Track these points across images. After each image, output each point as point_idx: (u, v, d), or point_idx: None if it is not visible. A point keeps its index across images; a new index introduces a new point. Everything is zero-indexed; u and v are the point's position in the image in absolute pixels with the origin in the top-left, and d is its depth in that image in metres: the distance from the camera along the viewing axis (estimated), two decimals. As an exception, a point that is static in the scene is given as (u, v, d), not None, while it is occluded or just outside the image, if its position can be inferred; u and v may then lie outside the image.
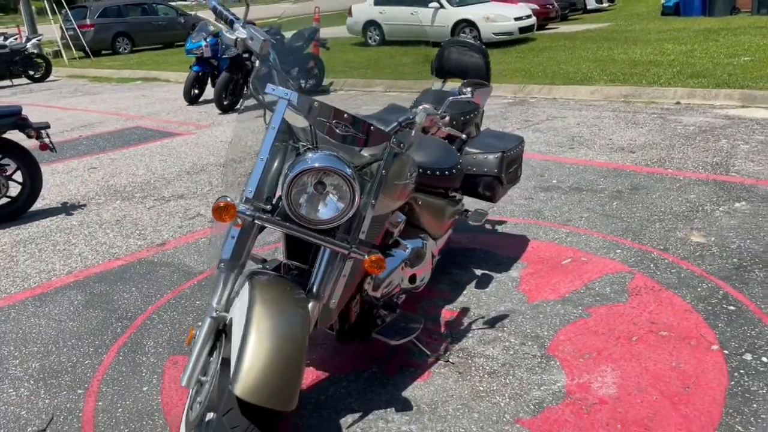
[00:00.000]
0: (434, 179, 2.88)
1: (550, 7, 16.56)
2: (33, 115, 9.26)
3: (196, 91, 9.11)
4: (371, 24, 15.62)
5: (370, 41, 15.69)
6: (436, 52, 3.75)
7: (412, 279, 2.75)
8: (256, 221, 2.00)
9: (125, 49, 18.64)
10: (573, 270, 3.39)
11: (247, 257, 2.09)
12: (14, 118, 4.47)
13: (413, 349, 2.73)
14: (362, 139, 2.10)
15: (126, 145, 7.11)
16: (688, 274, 3.26)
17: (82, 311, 3.27)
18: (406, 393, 2.49)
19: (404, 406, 2.42)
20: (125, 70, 13.70)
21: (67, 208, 4.95)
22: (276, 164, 2.13)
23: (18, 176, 4.71)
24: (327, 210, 2.03)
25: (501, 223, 4.09)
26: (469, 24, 13.84)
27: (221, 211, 1.93)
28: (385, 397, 2.48)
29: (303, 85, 9.27)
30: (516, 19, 13.81)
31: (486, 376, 2.56)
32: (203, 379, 1.99)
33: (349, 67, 12.03)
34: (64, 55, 17.05)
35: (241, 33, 2.22)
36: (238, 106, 8.64)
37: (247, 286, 2.01)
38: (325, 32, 18.91)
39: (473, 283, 3.31)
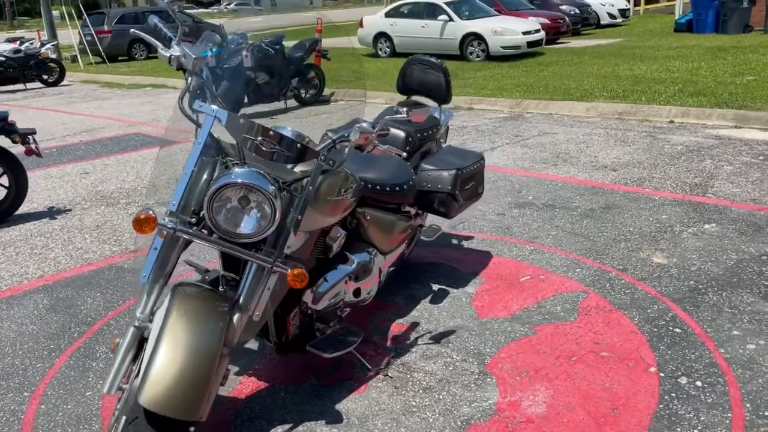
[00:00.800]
0: (384, 195, 2.92)
1: (561, 21, 16.53)
2: (40, 120, 9.48)
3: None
4: (382, 36, 15.74)
5: (380, 53, 15.81)
6: (446, 64, 3.78)
7: (357, 293, 2.80)
8: (177, 233, 2.06)
9: (141, 56, 18.95)
10: (529, 287, 3.41)
11: (172, 268, 2.15)
12: (0, 123, 4.59)
13: (355, 363, 2.77)
14: (288, 156, 2.15)
15: (122, 151, 7.24)
16: (642, 295, 3.27)
17: (45, 315, 3.36)
18: (340, 406, 2.53)
19: (335, 418, 2.46)
20: (136, 77, 13.94)
21: (51, 213, 5.07)
22: (205, 178, 2.19)
23: (4, 180, 4.83)
24: (247, 225, 2.09)
25: (468, 238, 4.12)
26: (477, 37, 13.88)
27: (141, 223, 2.00)
28: (318, 409, 2.52)
29: (303, 95, 9.43)
30: (524, 33, 13.83)
31: (421, 391, 2.59)
32: (124, 386, 2.05)
33: (354, 78, 12.15)
34: (80, 60, 17.37)
35: (174, 51, 2.29)
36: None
37: (168, 296, 2.07)
38: (335, 42, 19.13)
39: (428, 298, 3.35)
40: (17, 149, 4.87)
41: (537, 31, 14.29)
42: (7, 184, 4.84)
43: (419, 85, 3.59)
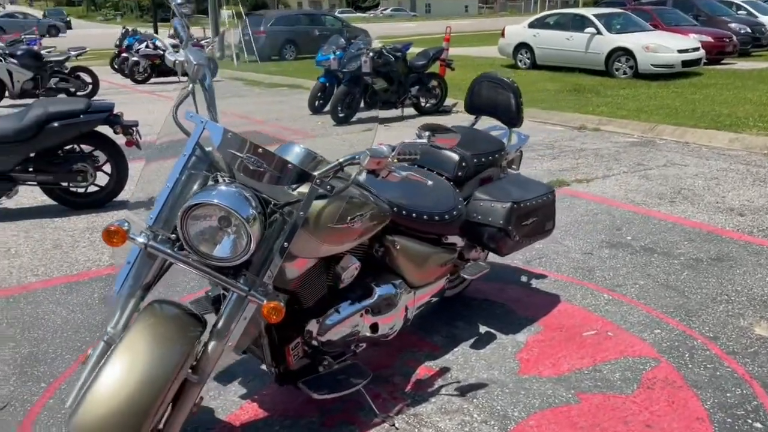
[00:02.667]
0: (419, 223, 2.65)
1: (727, 40, 14.99)
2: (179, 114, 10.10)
3: (321, 102, 9.36)
4: (523, 46, 15.19)
5: (519, 64, 15.27)
6: (586, 80, 3.45)
7: (375, 328, 2.55)
8: (148, 248, 1.94)
9: (290, 56, 19.77)
10: (590, 345, 2.97)
11: (150, 283, 2.04)
12: (106, 114, 4.85)
13: (364, 404, 2.53)
14: (278, 177, 1.96)
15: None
16: (726, 373, 2.72)
17: (95, 305, 3.44)
18: (331, 452, 2.30)
19: (320, 465, 2.24)
20: (277, 76, 14.50)
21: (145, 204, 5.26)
22: (191, 193, 2.05)
23: (107, 167, 5.10)
24: (223, 248, 1.93)
25: (540, 277, 3.70)
26: (625, 52, 12.92)
27: (111, 234, 1.90)
28: (307, 451, 2.31)
29: (423, 104, 9.24)
30: (680, 51, 12.67)
31: (423, 450, 2.30)
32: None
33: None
34: (234, 59, 18.45)
35: (179, 56, 2.18)
36: (353, 119, 8.77)
37: (136, 314, 1.96)
38: (479, 52, 18.74)
39: (470, 341, 3.02)
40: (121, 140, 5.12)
41: (696, 49, 13.05)
42: (109, 172, 5.10)
43: (487, 104, 3.26)
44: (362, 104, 8.82)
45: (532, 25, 15.13)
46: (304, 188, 2.07)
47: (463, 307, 3.33)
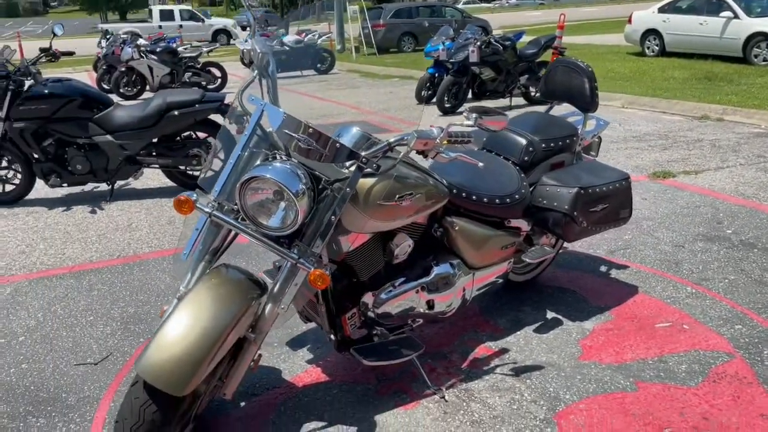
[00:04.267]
0: (479, 206, 2.71)
1: None
2: (299, 104, 10.62)
3: (429, 92, 9.48)
4: (651, 33, 14.38)
5: (647, 51, 14.49)
6: (720, 67, 3.41)
7: (431, 305, 2.66)
8: (212, 217, 2.17)
9: (409, 48, 20.01)
10: (661, 336, 2.88)
11: (219, 248, 2.28)
12: (218, 103, 5.26)
13: (418, 376, 2.64)
14: (325, 155, 2.12)
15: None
16: (806, 373, 2.55)
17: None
18: (380, 417, 2.44)
19: (367, 428, 2.38)
20: (392, 68, 14.78)
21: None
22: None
23: (221, 155, 5.52)
24: (274, 219, 2.11)
25: (622, 267, 3.61)
26: (765, 38, 11.92)
27: (181, 203, 2.14)
28: (359, 414, 2.46)
29: (533, 93, 9.14)
30: (830, 35, 11.49)
31: (468, 423, 2.38)
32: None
33: (607, 78, 11.34)
34: (353, 52, 18.98)
35: (247, 45, 2.39)
36: (461, 109, 8.82)
37: (204, 275, 2.20)
38: (603, 39, 18.00)
39: (535, 326, 3.03)
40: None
41: None
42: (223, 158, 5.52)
43: (562, 89, 3.22)
44: (470, 94, 8.84)
45: (662, 10, 14.29)
46: (354, 166, 2.22)
47: (533, 293, 3.34)
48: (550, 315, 3.13)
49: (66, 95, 4.99)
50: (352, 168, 2.20)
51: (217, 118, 5.39)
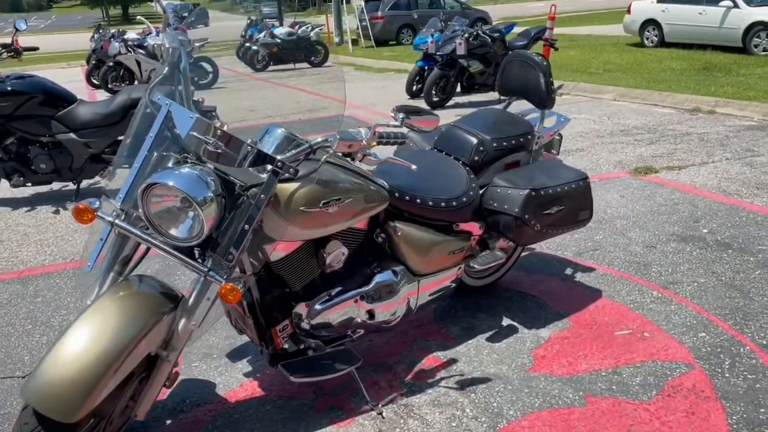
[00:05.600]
0: (424, 209, 2.57)
1: None
2: (286, 98, 10.42)
3: (419, 86, 9.30)
4: (650, 23, 14.14)
5: (646, 42, 14.24)
6: (719, 58, 3.25)
7: (371, 315, 2.51)
8: (114, 226, 2.03)
9: (408, 41, 19.77)
10: (619, 345, 2.73)
11: (126, 258, 2.13)
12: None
13: (359, 391, 2.50)
14: (237, 159, 1.97)
15: (321, 131, 7.60)
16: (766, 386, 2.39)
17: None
18: (313, 434, 2.31)
19: (297, 447, 2.25)
20: (386, 61, 14.59)
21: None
22: None
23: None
24: (181, 228, 1.97)
25: (588, 270, 3.45)
26: (765, 27, 11.66)
27: (81, 213, 2.01)
28: (291, 430, 2.33)
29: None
30: (832, 23, 11.23)
31: (402, 442, 2.24)
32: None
33: (603, 70, 11.13)
34: (350, 45, 18.76)
35: (157, 40, 2.24)
36: (448, 103, 8.65)
37: (111, 287, 2.06)
38: (604, 30, 17.74)
39: (488, 334, 2.88)
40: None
41: None
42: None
43: (518, 85, 3.06)
44: (458, 88, 8.66)
45: (660, 0, 14.04)
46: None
47: (491, 298, 3.19)
48: (505, 322, 2.98)
49: (27, 92, 4.86)
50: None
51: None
